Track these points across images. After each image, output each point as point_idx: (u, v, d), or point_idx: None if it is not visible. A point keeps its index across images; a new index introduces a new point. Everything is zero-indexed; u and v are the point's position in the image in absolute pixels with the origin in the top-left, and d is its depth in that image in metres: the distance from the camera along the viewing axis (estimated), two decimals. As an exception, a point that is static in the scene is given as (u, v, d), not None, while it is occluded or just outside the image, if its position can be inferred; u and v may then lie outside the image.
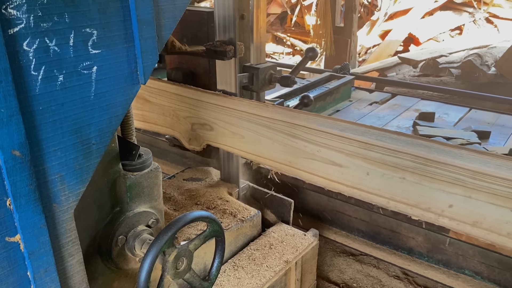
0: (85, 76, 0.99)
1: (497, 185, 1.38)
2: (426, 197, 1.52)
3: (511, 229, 1.40)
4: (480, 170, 1.40)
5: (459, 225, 1.50)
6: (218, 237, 1.37)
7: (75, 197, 1.04)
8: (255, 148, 1.88)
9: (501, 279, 2.27)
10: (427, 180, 1.50)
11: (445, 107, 3.86)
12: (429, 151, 1.50)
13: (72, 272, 1.09)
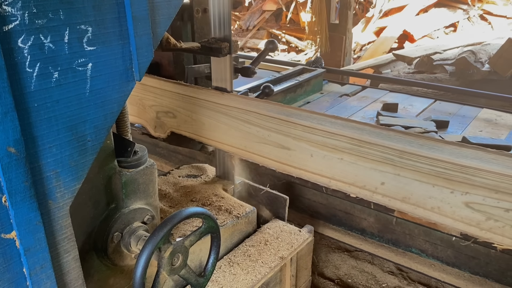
0: (80, 73, 0.99)
1: (420, 163, 1.51)
2: (361, 175, 1.64)
3: (434, 204, 1.52)
4: (406, 150, 1.53)
5: (391, 201, 1.62)
6: (214, 233, 1.38)
7: (70, 194, 1.05)
8: (214, 134, 2.00)
9: (444, 255, 2.41)
10: (362, 160, 1.63)
11: (411, 98, 4.03)
12: (362, 133, 1.62)
13: (68, 268, 1.09)
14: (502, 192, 1.40)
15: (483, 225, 1.48)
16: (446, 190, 1.49)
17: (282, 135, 1.77)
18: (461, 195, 1.48)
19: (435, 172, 1.49)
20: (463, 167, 1.45)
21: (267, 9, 10.40)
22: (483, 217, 1.47)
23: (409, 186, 1.55)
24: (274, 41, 2.45)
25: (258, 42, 9.76)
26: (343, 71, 5.38)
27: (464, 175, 1.46)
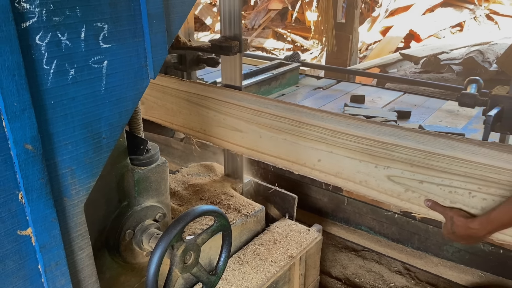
0: (96, 70, 1.00)
1: (349, 141, 1.68)
2: (302, 154, 1.81)
3: (362, 178, 1.68)
4: (336, 129, 1.70)
5: (326, 176, 1.78)
6: (225, 232, 1.38)
7: (85, 191, 1.05)
8: (176, 119, 2.15)
9: (389, 232, 2.59)
10: (302, 140, 1.79)
11: (381, 91, 4.19)
12: (301, 115, 1.78)
13: (82, 265, 1.10)
14: (416, 165, 1.55)
15: (403, 196, 1.62)
16: (371, 165, 1.64)
17: (235, 118, 1.94)
18: (383, 169, 1.62)
19: (361, 148, 1.65)
20: (383, 143, 1.61)
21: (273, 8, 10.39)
22: (403, 189, 1.61)
23: (341, 162, 1.72)
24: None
25: (263, 41, 9.75)
26: (350, 70, 5.37)
27: (385, 151, 1.61)
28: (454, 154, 1.48)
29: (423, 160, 1.53)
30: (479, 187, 1.46)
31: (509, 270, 1.97)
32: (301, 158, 1.81)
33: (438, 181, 1.52)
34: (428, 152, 1.53)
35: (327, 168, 1.76)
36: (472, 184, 1.47)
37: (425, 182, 1.55)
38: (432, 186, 1.54)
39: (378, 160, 1.62)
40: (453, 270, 2.22)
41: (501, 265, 2.02)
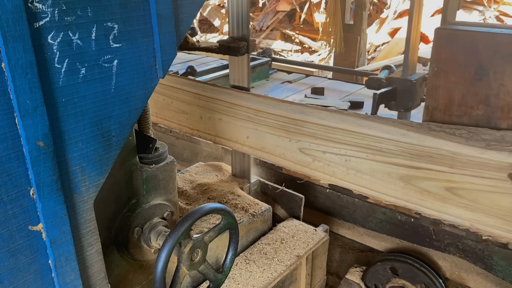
0: (106, 69, 1.01)
1: (269, 119, 1.91)
2: (234, 131, 2.05)
3: (280, 151, 1.93)
4: (259, 108, 1.92)
5: (254, 151, 2.02)
6: (232, 230, 1.39)
7: (95, 188, 1.07)
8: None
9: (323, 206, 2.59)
10: (233, 119, 2.02)
11: (345, 84, 4.37)
12: (231, 97, 2.02)
13: (91, 261, 1.11)
14: (319, 138, 1.79)
15: (311, 165, 1.85)
16: (286, 139, 1.89)
17: (180, 101, 2.18)
18: (296, 142, 1.87)
19: (278, 125, 1.89)
20: (294, 119, 1.84)
21: (281, 9, 10.40)
22: (311, 159, 1.85)
23: (264, 138, 1.96)
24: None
25: (271, 43, 9.77)
26: (357, 72, 5.37)
27: (296, 126, 1.84)
28: (346, 127, 1.72)
29: (324, 133, 1.77)
30: (367, 154, 1.69)
31: (421, 238, 2.15)
32: (234, 136, 2.06)
33: (336, 151, 1.77)
34: (327, 126, 1.76)
35: (254, 143, 2.00)
36: (362, 152, 1.70)
37: (327, 152, 1.80)
38: (332, 156, 1.78)
39: (291, 135, 1.87)
40: (376, 238, 2.35)
41: (414, 234, 2.17)
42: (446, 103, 1.71)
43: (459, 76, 1.63)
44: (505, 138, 1.51)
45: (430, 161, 1.57)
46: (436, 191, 1.59)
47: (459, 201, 1.56)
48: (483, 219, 1.54)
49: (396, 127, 1.63)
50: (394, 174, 1.65)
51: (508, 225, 1.50)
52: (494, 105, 1.60)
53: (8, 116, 0.85)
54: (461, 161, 1.51)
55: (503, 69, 1.53)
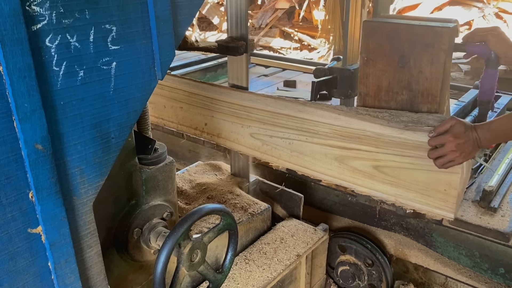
0: (104, 71, 1.01)
1: (223, 106, 2.05)
2: (194, 119, 2.19)
3: (235, 136, 2.07)
4: (214, 97, 2.07)
5: (212, 137, 2.16)
6: (232, 230, 1.39)
7: (94, 190, 1.07)
8: None
9: None
10: (193, 107, 2.17)
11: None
12: (190, 87, 2.16)
13: (90, 263, 1.11)
14: (266, 123, 1.93)
15: (261, 149, 1.99)
16: (239, 125, 2.02)
17: None
18: (247, 128, 2.00)
19: (232, 112, 2.01)
20: (245, 106, 1.97)
21: (280, 7, 10.38)
22: (260, 143, 1.99)
23: (220, 124, 2.09)
24: None
25: (270, 40, 9.75)
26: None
27: (246, 113, 1.97)
28: (288, 113, 1.86)
29: (270, 119, 1.91)
30: (307, 137, 1.84)
31: (369, 218, 2.28)
32: (194, 123, 2.20)
33: (281, 135, 1.91)
34: (272, 112, 1.90)
35: (211, 130, 2.14)
36: (302, 135, 1.85)
37: (273, 136, 1.94)
38: (278, 140, 1.93)
39: (243, 121, 2.00)
40: (330, 219, 2.42)
41: (364, 214, 2.30)
42: (376, 90, 1.79)
43: (385, 64, 1.72)
44: (420, 119, 1.64)
45: (358, 142, 1.72)
46: (365, 169, 1.74)
47: (384, 178, 1.71)
48: (404, 194, 1.69)
49: (329, 112, 1.77)
50: (329, 155, 1.81)
51: (425, 198, 1.65)
52: (416, 91, 1.70)
53: (6, 120, 0.85)
54: (384, 141, 1.67)
55: (421, 57, 1.63)
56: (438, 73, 1.63)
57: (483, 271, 1.96)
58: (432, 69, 1.63)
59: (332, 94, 2.27)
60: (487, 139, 1.50)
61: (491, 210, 1.95)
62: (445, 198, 1.60)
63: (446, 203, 1.61)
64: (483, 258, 1.94)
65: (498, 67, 1.72)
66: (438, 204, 1.63)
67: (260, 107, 1.92)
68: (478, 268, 1.97)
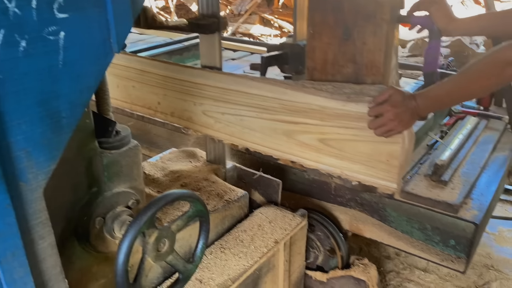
0: (51, 42, 0.91)
1: (173, 84, 2.03)
2: (147, 98, 2.16)
3: (188, 115, 2.05)
4: (167, 75, 2.03)
5: (166, 116, 2.13)
6: (202, 217, 1.31)
7: (44, 175, 0.96)
8: None
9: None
10: (146, 86, 2.13)
11: None
12: (142, 64, 2.11)
13: (43, 255, 1.02)
14: (218, 100, 1.91)
15: (214, 127, 1.98)
16: (191, 103, 2.00)
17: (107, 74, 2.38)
18: (199, 105, 1.98)
19: (184, 89, 1.98)
20: (197, 84, 1.95)
21: (259, -7, 10.23)
22: (213, 121, 1.96)
23: (173, 103, 2.06)
24: None
25: (250, 27, 9.62)
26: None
27: (198, 90, 1.95)
28: (239, 88, 1.83)
29: (221, 95, 1.89)
30: (257, 113, 1.83)
31: (326, 195, 2.26)
32: (147, 103, 2.15)
33: (233, 112, 1.88)
34: (223, 88, 1.87)
35: (165, 109, 2.10)
36: (252, 111, 1.83)
37: (225, 113, 1.92)
38: (230, 116, 1.90)
39: (195, 99, 1.97)
40: (288, 198, 2.36)
41: (321, 191, 2.27)
42: (322, 63, 1.76)
43: (330, 37, 1.69)
44: (362, 91, 1.63)
45: (305, 115, 1.72)
46: (312, 143, 1.75)
47: (330, 151, 1.72)
48: (349, 166, 1.70)
49: (277, 86, 1.75)
50: (279, 130, 1.81)
51: (369, 170, 1.66)
52: (360, 63, 1.67)
53: None
54: (328, 113, 1.68)
55: (364, 28, 1.62)
56: (381, 44, 1.61)
57: (435, 243, 1.98)
58: (375, 40, 1.61)
59: (283, 70, 2.24)
60: (426, 106, 1.52)
61: (442, 184, 1.99)
62: (387, 169, 1.61)
63: (389, 174, 1.62)
64: (435, 231, 1.96)
65: (441, 38, 1.73)
66: (381, 175, 1.64)
67: (212, 83, 1.90)
68: (430, 241, 1.99)
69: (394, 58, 1.82)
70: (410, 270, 2.69)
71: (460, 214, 1.86)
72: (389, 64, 1.69)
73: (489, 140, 2.46)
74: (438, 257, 1.98)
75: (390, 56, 1.68)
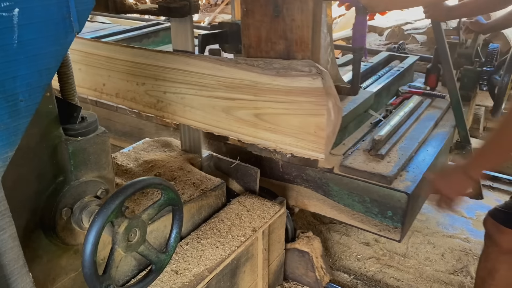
0: (4, 19, 0.84)
1: (118, 64, 1.98)
2: (93, 80, 2.12)
3: (131, 95, 2.01)
4: (110, 55, 2.00)
5: (111, 97, 2.09)
6: (175, 206, 1.26)
7: (2, 162, 0.90)
8: None
9: None
10: (91, 67, 2.09)
11: None
12: (84, 46, 2.07)
13: (4, 248, 0.95)
14: (159, 79, 1.89)
15: (157, 106, 1.95)
16: (134, 83, 1.98)
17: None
18: (142, 85, 1.96)
19: (126, 70, 1.95)
20: (138, 63, 1.93)
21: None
22: (155, 100, 1.95)
23: (117, 84, 2.02)
24: None
25: (227, 17, 9.53)
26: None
27: (140, 70, 1.93)
28: (177, 67, 1.83)
29: (161, 74, 1.87)
30: (196, 91, 1.83)
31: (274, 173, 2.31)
32: (93, 84, 2.11)
33: (173, 90, 1.88)
34: (163, 67, 1.86)
35: (110, 90, 2.06)
36: (192, 89, 1.83)
37: (167, 92, 1.90)
38: (171, 95, 1.89)
39: (138, 78, 1.95)
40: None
41: (269, 169, 2.32)
42: (256, 40, 1.79)
43: (262, 15, 1.73)
44: (290, 65, 1.66)
45: (240, 91, 1.74)
46: (248, 118, 1.77)
47: (265, 125, 1.75)
48: (282, 139, 1.73)
49: (212, 63, 1.76)
50: (217, 107, 1.81)
51: (300, 142, 1.70)
52: (290, 39, 1.72)
53: None
54: (261, 89, 1.70)
55: (292, 5, 1.66)
56: (308, 20, 1.66)
57: (374, 215, 2.06)
58: (302, 16, 1.66)
59: (224, 49, 2.23)
60: (475, 167, 1.51)
61: (379, 157, 2.09)
62: (315, 140, 1.66)
63: (317, 145, 1.66)
64: (373, 203, 2.04)
65: (367, 15, 1.78)
66: (311, 146, 1.68)
67: (152, 62, 1.89)
68: (369, 213, 2.07)
69: (327, 36, 1.93)
70: (389, 256, 2.69)
71: (394, 185, 1.96)
72: (318, 40, 1.75)
73: (431, 117, 2.58)
74: (376, 227, 2.08)
75: (318, 32, 1.74)
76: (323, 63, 1.85)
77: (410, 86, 2.98)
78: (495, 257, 1.87)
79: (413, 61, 3.25)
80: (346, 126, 2.31)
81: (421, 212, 3.15)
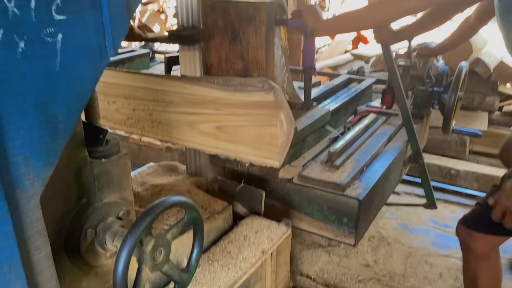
0: (49, 44, 0.88)
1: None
2: None
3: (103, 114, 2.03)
4: None
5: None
6: (197, 225, 1.28)
7: (41, 182, 0.93)
8: None
9: None
10: None
11: None
12: None
13: (39, 267, 0.97)
14: (128, 98, 2.03)
15: (127, 123, 2.09)
16: (105, 102, 2.10)
17: None
18: (112, 103, 2.09)
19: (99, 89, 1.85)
20: (109, 83, 2.06)
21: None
22: (125, 117, 2.08)
23: None
24: None
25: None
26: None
27: (111, 89, 2.06)
28: (145, 85, 1.96)
29: (131, 93, 2.01)
30: (162, 107, 1.96)
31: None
32: None
33: (142, 107, 2.01)
34: (132, 86, 1.99)
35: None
36: (159, 106, 1.96)
37: (136, 109, 2.04)
38: (140, 112, 2.03)
39: (108, 97, 2.08)
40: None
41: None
42: (218, 61, 1.97)
43: (222, 38, 1.91)
44: (246, 82, 1.80)
45: (203, 106, 1.87)
46: (211, 131, 1.90)
47: (225, 137, 1.88)
48: (242, 149, 1.86)
49: (178, 81, 1.90)
50: (183, 121, 1.94)
51: (257, 151, 1.82)
52: (247, 60, 1.91)
53: None
54: (221, 103, 1.83)
55: (247, 29, 1.85)
56: (261, 42, 1.85)
57: (332, 222, 2.17)
58: (256, 39, 1.85)
59: None
60: None
61: (334, 168, 2.21)
62: (270, 149, 1.79)
63: (272, 153, 1.79)
64: (330, 211, 2.15)
65: (315, 38, 2.01)
66: (267, 155, 1.81)
67: (122, 82, 2.02)
68: (328, 221, 2.18)
69: (282, 57, 2.10)
70: (389, 276, 2.72)
71: (347, 192, 2.07)
72: (272, 61, 1.94)
73: (385, 133, 2.73)
74: (333, 233, 2.17)
75: (272, 53, 1.93)
76: (279, 81, 2.06)
77: (368, 105, 3.18)
78: (475, 265, 1.96)
79: (370, 83, 3.47)
80: (305, 140, 2.42)
81: (415, 234, 3.22)
